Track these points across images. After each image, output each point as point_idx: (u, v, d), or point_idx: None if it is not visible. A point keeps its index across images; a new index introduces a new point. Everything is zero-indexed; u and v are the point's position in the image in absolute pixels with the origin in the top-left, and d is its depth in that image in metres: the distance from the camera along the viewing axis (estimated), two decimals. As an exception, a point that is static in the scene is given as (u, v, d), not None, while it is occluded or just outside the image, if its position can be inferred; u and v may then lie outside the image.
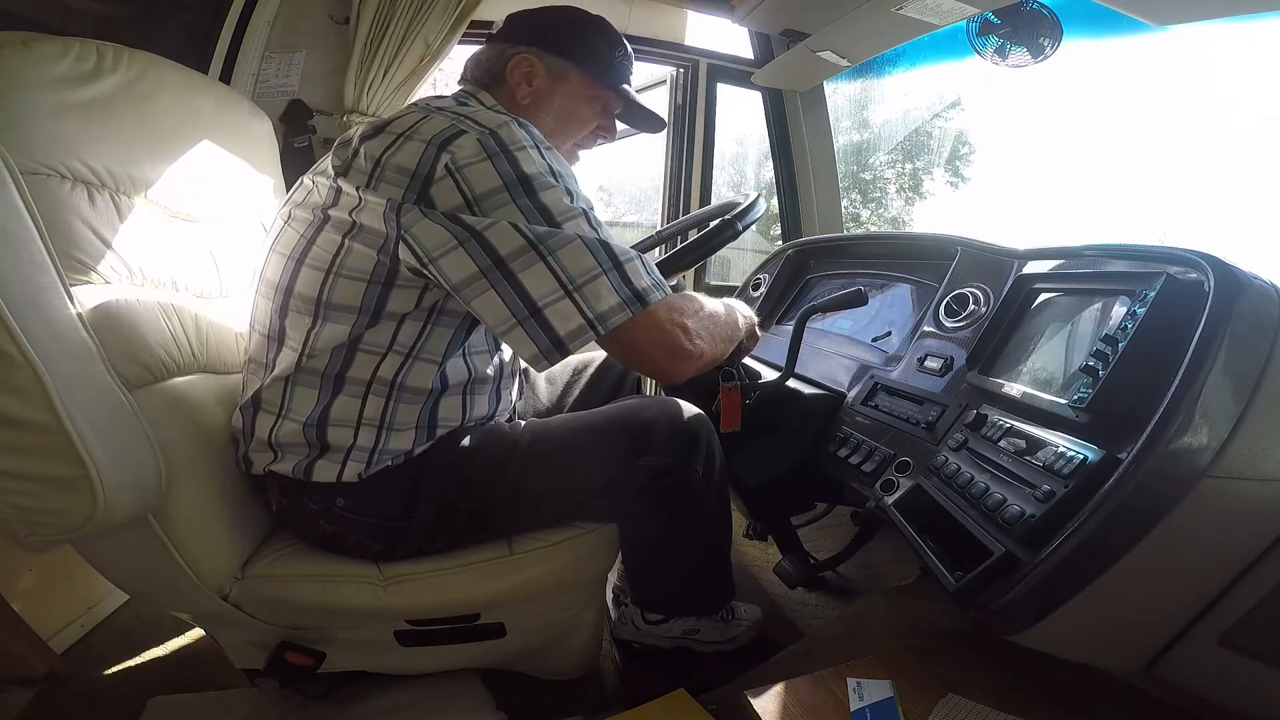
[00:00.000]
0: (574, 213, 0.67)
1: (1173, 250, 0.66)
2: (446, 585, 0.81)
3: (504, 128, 0.68)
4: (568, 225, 0.66)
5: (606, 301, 0.65)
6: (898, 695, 0.67)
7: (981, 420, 0.73)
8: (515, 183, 0.65)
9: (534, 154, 0.68)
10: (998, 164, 7.63)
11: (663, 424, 0.81)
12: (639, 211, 2.80)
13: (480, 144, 0.66)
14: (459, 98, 0.82)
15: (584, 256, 0.65)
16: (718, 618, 1.00)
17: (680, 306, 0.72)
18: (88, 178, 0.73)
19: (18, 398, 0.58)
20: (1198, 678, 0.63)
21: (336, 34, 1.54)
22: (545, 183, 0.66)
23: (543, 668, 0.99)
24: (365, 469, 0.76)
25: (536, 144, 0.69)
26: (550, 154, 0.70)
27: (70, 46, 0.75)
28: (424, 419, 0.78)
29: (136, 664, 1.07)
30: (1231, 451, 0.54)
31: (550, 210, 0.66)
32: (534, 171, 0.67)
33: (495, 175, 0.65)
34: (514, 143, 0.67)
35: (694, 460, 0.82)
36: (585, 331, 0.65)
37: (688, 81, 2.01)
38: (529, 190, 0.66)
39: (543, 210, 0.65)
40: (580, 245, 0.65)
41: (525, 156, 0.67)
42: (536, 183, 0.66)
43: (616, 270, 0.66)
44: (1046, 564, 0.56)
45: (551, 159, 0.70)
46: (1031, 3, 1.40)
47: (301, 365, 0.73)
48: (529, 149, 0.68)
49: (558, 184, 0.67)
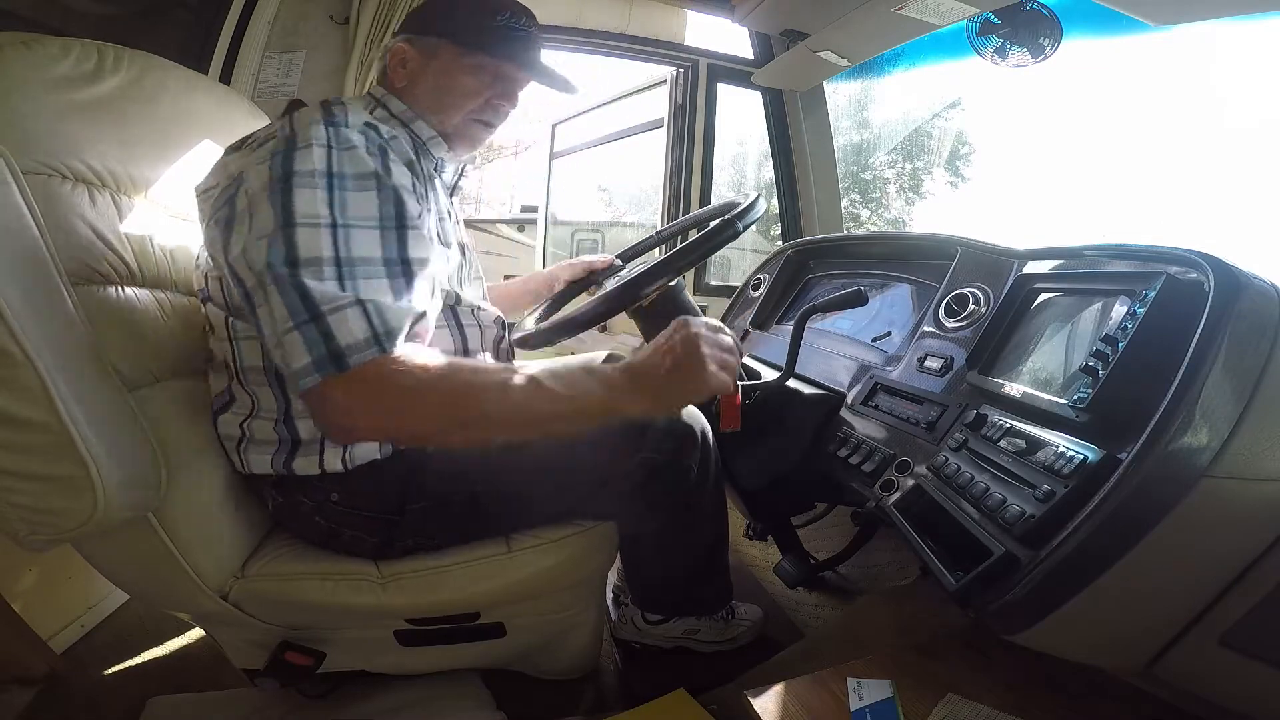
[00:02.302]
0: (317, 220, 0.61)
1: (1173, 250, 0.66)
2: (445, 583, 0.81)
3: (308, 126, 0.66)
4: (302, 238, 0.60)
5: (299, 359, 0.58)
6: (898, 695, 0.67)
7: (981, 420, 0.73)
8: (276, 180, 0.63)
9: (317, 152, 0.64)
10: (998, 164, 7.63)
11: (659, 421, 0.82)
12: (639, 211, 2.79)
13: (273, 146, 0.66)
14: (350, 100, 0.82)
15: (282, 304, 0.59)
16: (718, 618, 1.00)
17: (407, 369, 0.60)
18: (88, 178, 0.73)
19: (18, 397, 0.58)
20: (1198, 678, 0.63)
21: (336, 34, 1.54)
22: (305, 182, 0.62)
23: (543, 668, 0.99)
24: (347, 457, 0.76)
25: (332, 144, 0.65)
26: (346, 156, 0.66)
27: (71, 47, 0.75)
28: None
29: (136, 664, 1.07)
30: (1231, 451, 0.54)
31: (291, 212, 0.61)
32: (301, 169, 0.63)
33: (265, 173, 0.64)
34: (303, 139, 0.65)
35: (689, 458, 0.82)
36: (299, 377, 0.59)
37: (688, 81, 2.01)
38: (284, 189, 0.62)
39: (283, 212, 0.61)
40: (284, 289, 0.59)
41: (304, 155, 0.64)
42: (295, 180, 0.62)
43: (315, 324, 0.58)
44: (1046, 564, 0.56)
45: (342, 161, 0.65)
46: (1031, 3, 1.40)
47: (249, 364, 0.74)
48: (315, 147, 0.64)
49: (320, 189, 0.63)
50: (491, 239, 6.42)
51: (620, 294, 0.87)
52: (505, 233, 6.62)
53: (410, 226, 0.67)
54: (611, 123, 2.45)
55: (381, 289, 0.62)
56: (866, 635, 0.98)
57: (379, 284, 0.62)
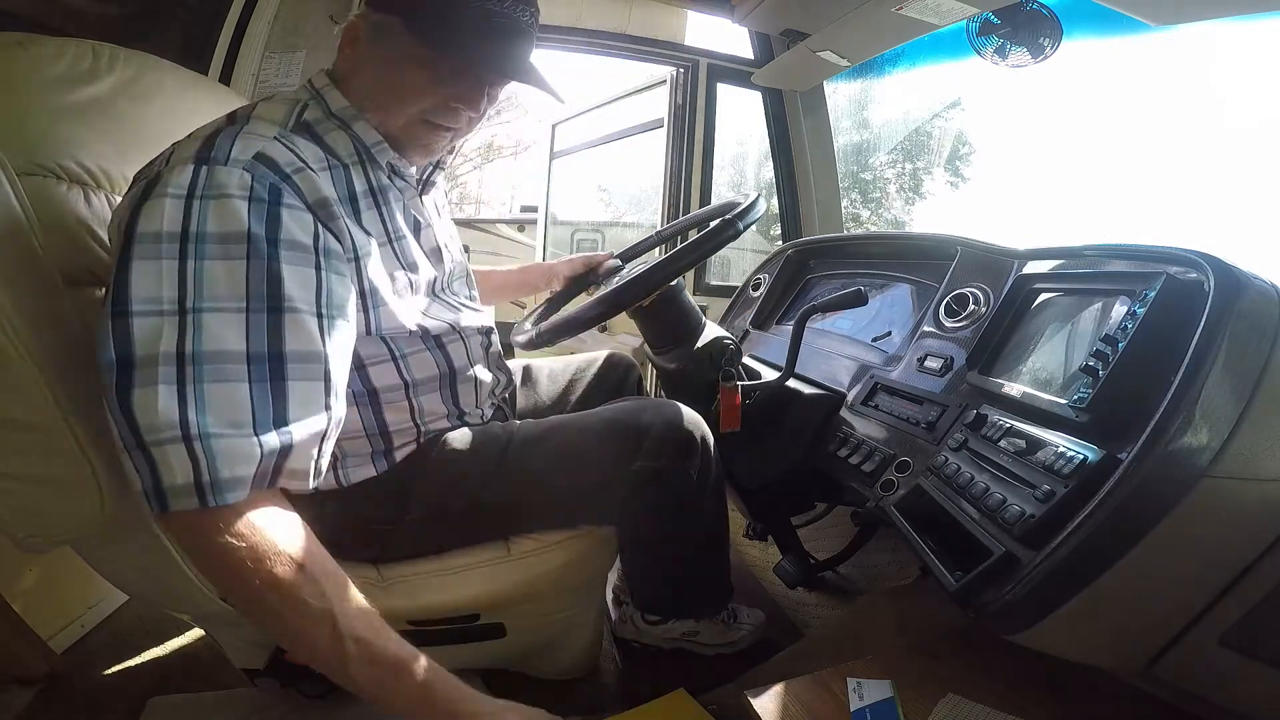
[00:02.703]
0: (157, 305, 0.50)
1: (1173, 250, 0.66)
2: (445, 586, 0.81)
3: (174, 167, 0.54)
4: (137, 330, 0.49)
5: (134, 480, 0.50)
6: (898, 695, 0.67)
7: (981, 420, 0.73)
8: (118, 247, 0.52)
9: (169, 207, 0.52)
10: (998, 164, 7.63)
11: (657, 427, 0.80)
12: (639, 211, 2.79)
13: (138, 189, 0.55)
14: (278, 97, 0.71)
15: (112, 421, 0.50)
16: (718, 620, 1.00)
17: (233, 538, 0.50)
18: (84, 179, 0.72)
19: (17, 399, 0.58)
20: (1198, 678, 0.63)
21: (336, 34, 1.54)
22: (148, 250, 0.51)
23: (543, 668, 0.99)
24: (341, 476, 0.74)
25: (194, 192, 0.53)
26: (211, 208, 0.52)
27: (66, 47, 0.75)
28: (371, 426, 0.75)
29: (136, 664, 1.07)
30: (1231, 451, 0.54)
31: (125, 293, 0.50)
32: (146, 229, 0.51)
33: (115, 230, 0.54)
34: (160, 185, 0.53)
35: (688, 464, 0.81)
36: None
37: (688, 81, 2.01)
38: (123, 260, 0.51)
39: (116, 292, 0.50)
40: (110, 403, 0.50)
41: (152, 210, 0.52)
42: (135, 246, 0.51)
43: (141, 451, 0.49)
44: (1046, 564, 0.56)
45: (203, 216, 0.52)
46: (1031, 3, 1.40)
47: None
48: (168, 198, 0.52)
49: (165, 258, 0.51)
50: (491, 239, 6.41)
51: (620, 294, 0.87)
52: (505, 233, 6.61)
53: (292, 309, 0.53)
54: (611, 123, 2.45)
55: (233, 402, 0.50)
56: (866, 635, 0.98)
57: (230, 394, 0.50)
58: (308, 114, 0.68)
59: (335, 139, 0.69)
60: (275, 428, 0.52)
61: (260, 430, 0.51)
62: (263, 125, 0.61)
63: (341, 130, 0.69)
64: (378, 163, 0.72)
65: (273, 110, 0.66)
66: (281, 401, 0.53)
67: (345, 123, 0.69)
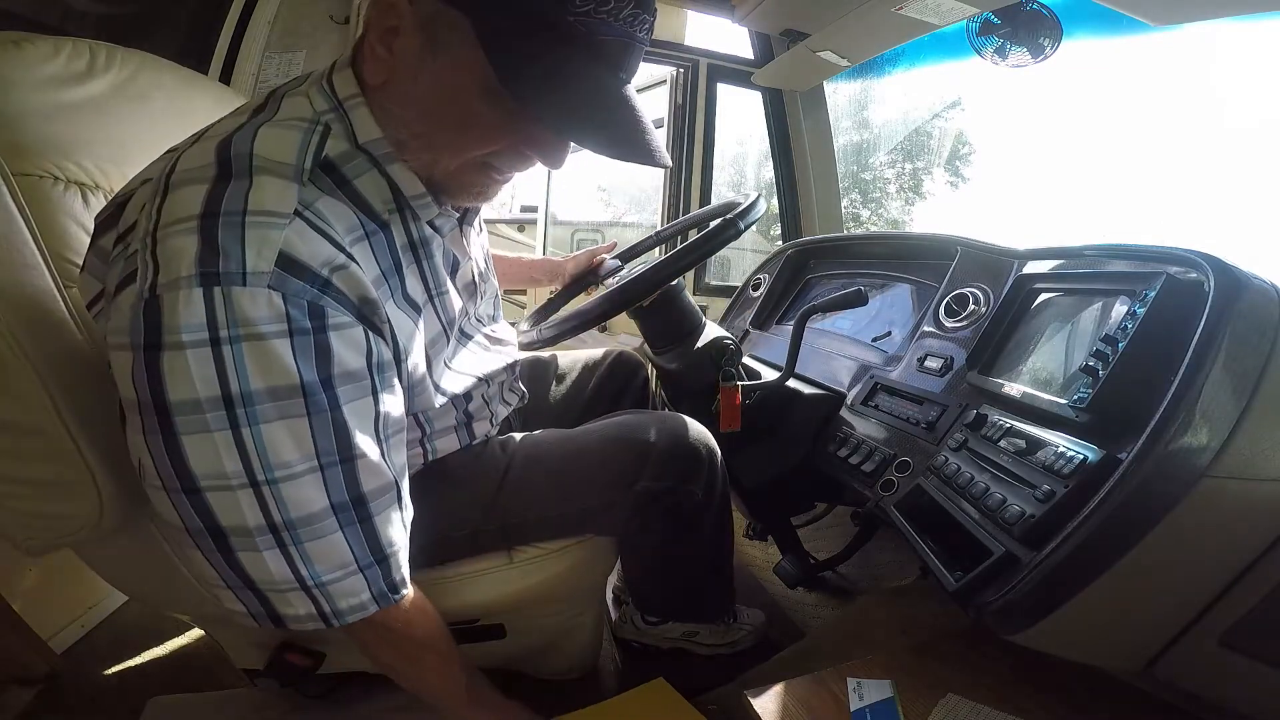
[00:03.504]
0: (226, 481, 0.45)
1: (1173, 250, 0.66)
2: (446, 592, 0.80)
3: (175, 290, 0.42)
4: (216, 503, 0.46)
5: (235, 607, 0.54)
6: (898, 695, 0.67)
7: (981, 420, 0.73)
8: (144, 402, 0.44)
9: (195, 366, 0.42)
10: (998, 164, 7.63)
11: (661, 445, 0.78)
12: (639, 212, 2.79)
13: (134, 293, 0.44)
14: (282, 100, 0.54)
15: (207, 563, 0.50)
16: (719, 622, 1.00)
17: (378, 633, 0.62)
18: (81, 179, 0.72)
19: (15, 402, 0.58)
20: (1198, 678, 0.63)
21: (336, 34, 1.54)
22: (192, 422, 0.43)
23: (542, 668, 0.99)
24: None
25: (218, 338, 0.42)
26: (248, 355, 0.43)
27: (62, 46, 0.74)
28: None
29: (136, 664, 1.07)
30: (1231, 451, 0.54)
31: (187, 468, 0.44)
32: (178, 397, 0.43)
33: (126, 361, 0.44)
34: (169, 328, 0.42)
35: (693, 483, 0.79)
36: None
37: (688, 81, 2.01)
38: (163, 422, 0.43)
39: (174, 464, 0.44)
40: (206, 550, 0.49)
41: (176, 368, 0.42)
42: (174, 412, 0.43)
43: (251, 591, 0.51)
44: (1046, 564, 0.56)
45: (241, 369, 0.42)
46: (1031, 3, 1.40)
47: None
48: (187, 352, 0.42)
49: (214, 429, 0.43)
50: (491, 239, 6.41)
51: (620, 294, 0.87)
52: (505, 233, 6.59)
53: (362, 456, 0.50)
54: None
55: (334, 551, 0.51)
56: (866, 635, 0.98)
57: (329, 546, 0.51)
58: (329, 148, 0.51)
59: (367, 185, 0.53)
60: (375, 559, 0.55)
61: (364, 566, 0.54)
62: (273, 190, 0.46)
63: (374, 171, 0.54)
64: (418, 216, 0.59)
65: (281, 145, 0.49)
66: (373, 536, 0.54)
67: (379, 165, 0.54)
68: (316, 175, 0.50)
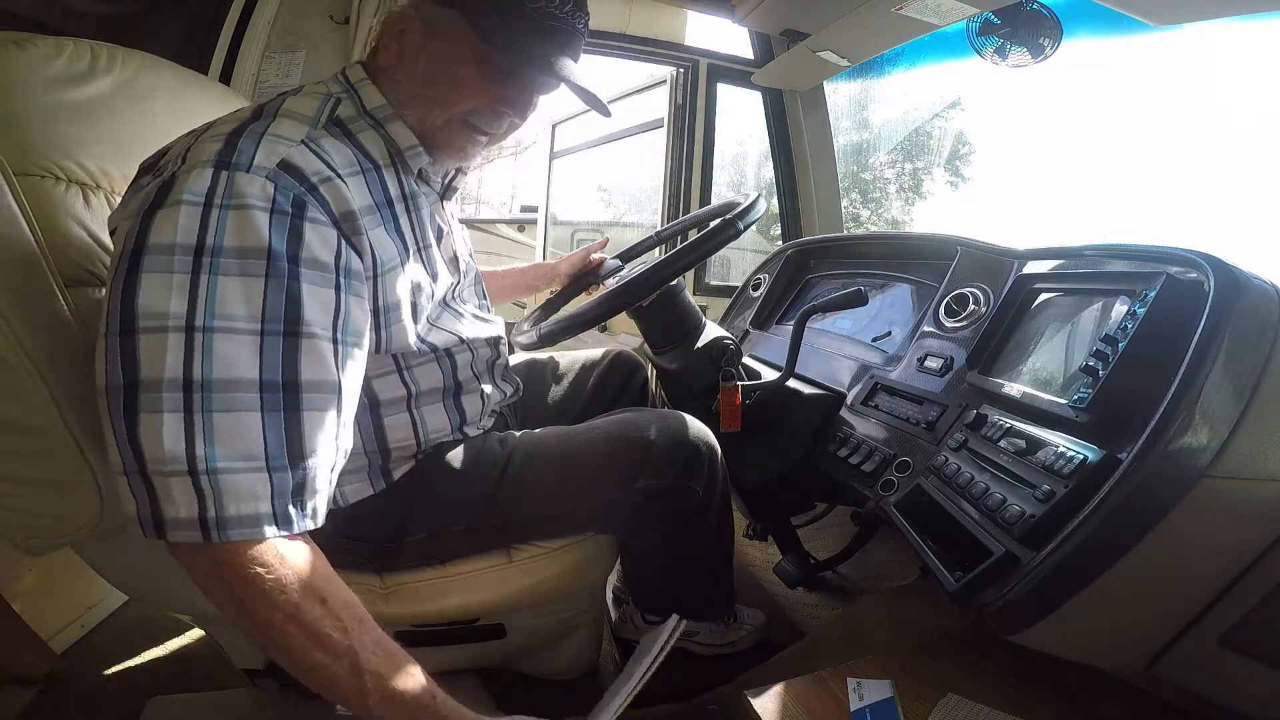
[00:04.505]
0: (163, 321, 0.46)
1: (1173, 250, 0.66)
2: (446, 592, 0.80)
3: (191, 169, 0.50)
4: (143, 349, 0.46)
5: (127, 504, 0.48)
6: (898, 695, 0.67)
7: (981, 420, 0.73)
8: (125, 255, 0.48)
9: (184, 216, 0.48)
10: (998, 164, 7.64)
11: (662, 443, 0.78)
12: (639, 212, 2.79)
13: (147, 192, 0.51)
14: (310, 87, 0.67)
15: (114, 443, 0.47)
16: (719, 622, 1.00)
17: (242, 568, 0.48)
18: (83, 179, 0.72)
19: (16, 401, 0.58)
20: (1198, 678, 0.63)
21: (336, 34, 1.54)
22: (158, 262, 0.47)
23: (542, 667, 0.99)
24: (338, 496, 0.72)
25: (212, 200, 0.49)
26: (230, 218, 0.49)
27: (64, 46, 0.74)
28: (370, 444, 0.72)
29: (136, 664, 1.07)
30: (1231, 451, 0.54)
31: (132, 309, 0.46)
32: (158, 241, 0.48)
33: (122, 238, 0.50)
34: (175, 191, 0.49)
35: (693, 480, 0.79)
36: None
37: (688, 81, 2.01)
38: (129, 270, 0.47)
39: (121, 308, 0.47)
40: (115, 422, 0.47)
41: (166, 218, 0.48)
42: (145, 258, 0.47)
43: (140, 476, 0.46)
44: (1046, 564, 0.56)
45: (221, 228, 0.48)
46: (1031, 3, 1.40)
47: None
48: (183, 205, 0.48)
49: (177, 271, 0.47)
50: (491, 239, 6.40)
51: (620, 294, 0.87)
52: (505, 233, 6.60)
53: (310, 334, 0.50)
54: (611, 123, 2.44)
55: (244, 433, 0.47)
56: (866, 635, 0.98)
57: (241, 424, 0.47)
58: (340, 110, 0.64)
59: (368, 138, 0.65)
60: (289, 463, 0.49)
61: (273, 465, 0.48)
62: (289, 125, 0.57)
63: (374, 130, 0.66)
64: (409, 167, 0.69)
65: (302, 104, 0.61)
66: (296, 434, 0.49)
67: (379, 123, 0.66)
68: (328, 126, 0.62)
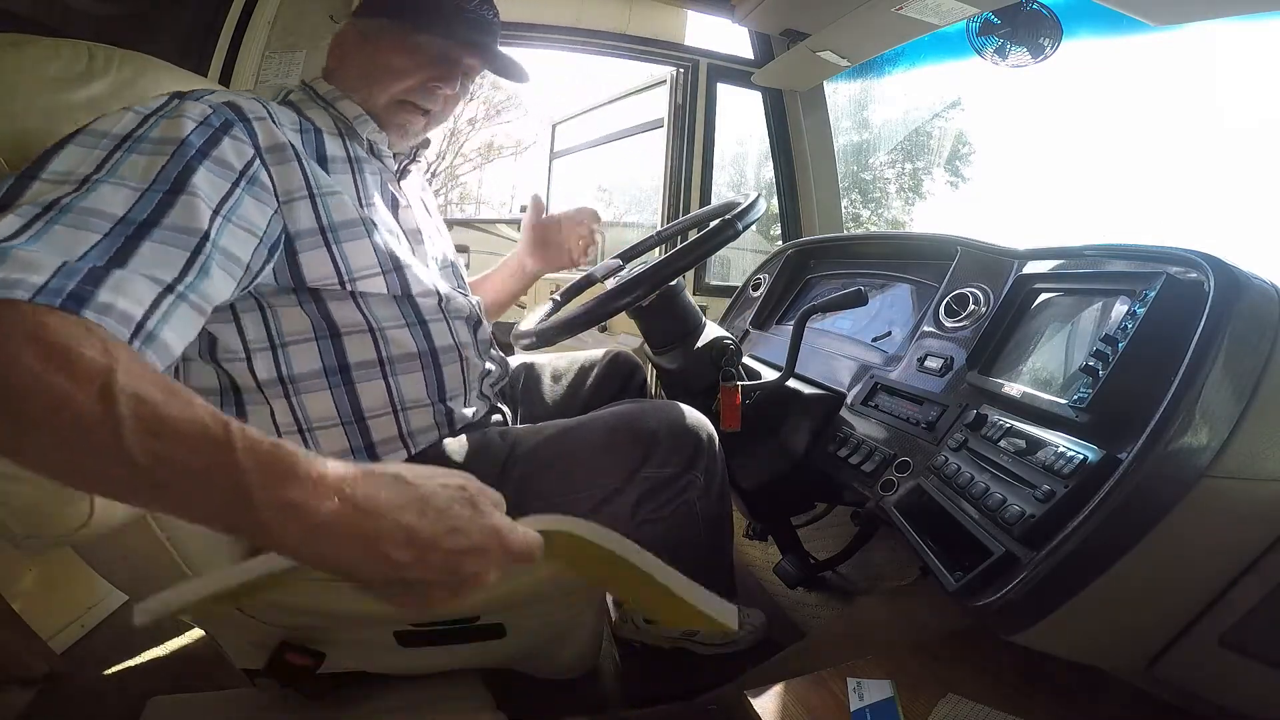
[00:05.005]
0: (64, 177, 0.47)
1: (1173, 250, 0.66)
2: (446, 590, 0.80)
3: (151, 100, 0.58)
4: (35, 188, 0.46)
5: None
6: (898, 695, 0.67)
7: (981, 420, 0.73)
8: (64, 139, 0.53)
9: (129, 116, 0.54)
10: (998, 164, 7.63)
11: (664, 432, 0.78)
12: (639, 212, 2.80)
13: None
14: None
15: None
16: (718, 621, 1.00)
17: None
18: (83, 179, 0.73)
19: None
20: (1198, 678, 0.63)
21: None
22: (87, 139, 0.51)
23: (543, 667, 0.99)
24: None
25: (161, 110, 0.56)
26: (163, 122, 0.54)
27: (61, 48, 0.74)
28: (346, 411, 0.73)
29: (136, 664, 1.07)
30: (1231, 451, 0.54)
31: (41, 165, 0.49)
32: (98, 127, 0.53)
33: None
34: (134, 110, 0.56)
35: (694, 469, 0.80)
36: None
37: (688, 81, 2.01)
38: (57, 144, 0.51)
39: (36, 161, 0.49)
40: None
41: (116, 115, 0.55)
42: (77, 136, 0.52)
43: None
44: (1046, 564, 0.56)
45: (153, 126, 0.54)
46: (1031, 3, 1.40)
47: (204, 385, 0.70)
48: (132, 111, 0.55)
49: (99, 149, 0.51)
50: (491, 239, 6.42)
51: (620, 294, 0.87)
52: (505, 233, 6.61)
53: (191, 193, 0.51)
54: (611, 123, 2.45)
55: (71, 242, 0.42)
56: (866, 635, 0.98)
57: (73, 237, 0.43)
58: (293, 95, 0.77)
59: (315, 113, 0.75)
60: (105, 264, 0.43)
61: (78, 257, 0.42)
62: (244, 97, 0.65)
63: (324, 109, 0.77)
64: (358, 136, 0.78)
65: (261, 90, 0.74)
66: (124, 252, 0.45)
67: (329, 103, 0.77)
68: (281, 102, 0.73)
